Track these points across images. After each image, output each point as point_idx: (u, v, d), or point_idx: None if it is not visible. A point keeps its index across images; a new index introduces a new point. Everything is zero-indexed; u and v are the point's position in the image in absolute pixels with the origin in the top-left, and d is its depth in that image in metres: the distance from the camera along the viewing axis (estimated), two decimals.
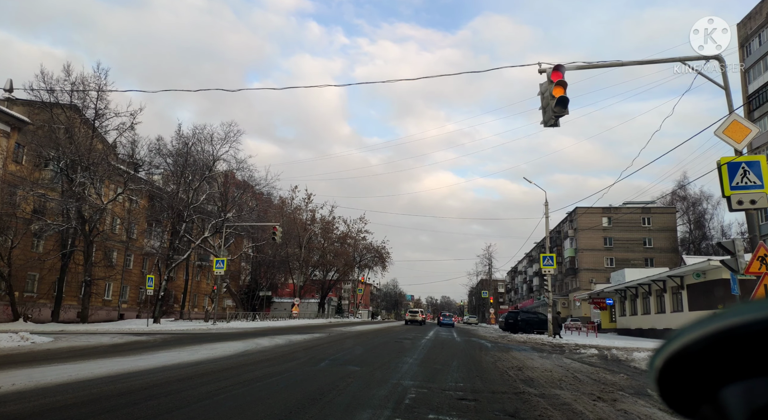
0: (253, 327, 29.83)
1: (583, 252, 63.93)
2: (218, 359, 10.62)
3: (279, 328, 29.15)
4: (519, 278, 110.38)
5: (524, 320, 34.53)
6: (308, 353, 12.57)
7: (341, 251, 57.09)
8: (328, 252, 55.44)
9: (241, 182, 39.94)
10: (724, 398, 0.61)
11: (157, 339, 16.74)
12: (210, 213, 38.40)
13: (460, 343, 20.15)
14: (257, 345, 14.56)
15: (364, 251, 64.63)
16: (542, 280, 71.20)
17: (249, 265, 62.83)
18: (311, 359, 11.01)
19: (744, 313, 0.57)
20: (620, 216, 63.70)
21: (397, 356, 12.42)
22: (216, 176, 36.71)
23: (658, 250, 61.95)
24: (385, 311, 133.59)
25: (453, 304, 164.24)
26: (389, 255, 65.41)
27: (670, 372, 0.66)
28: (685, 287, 28.81)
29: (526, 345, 20.29)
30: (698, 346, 0.61)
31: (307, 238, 53.76)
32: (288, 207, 53.94)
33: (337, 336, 20.61)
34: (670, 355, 0.65)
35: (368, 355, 12.62)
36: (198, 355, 11.18)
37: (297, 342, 16.41)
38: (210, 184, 36.23)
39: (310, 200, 53.61)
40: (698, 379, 0.65)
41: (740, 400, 0.59)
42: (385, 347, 15.77)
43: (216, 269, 31.86)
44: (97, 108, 31.58)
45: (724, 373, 0.61)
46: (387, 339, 19.84)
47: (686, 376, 0.66)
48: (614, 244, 63.57)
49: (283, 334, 20.44)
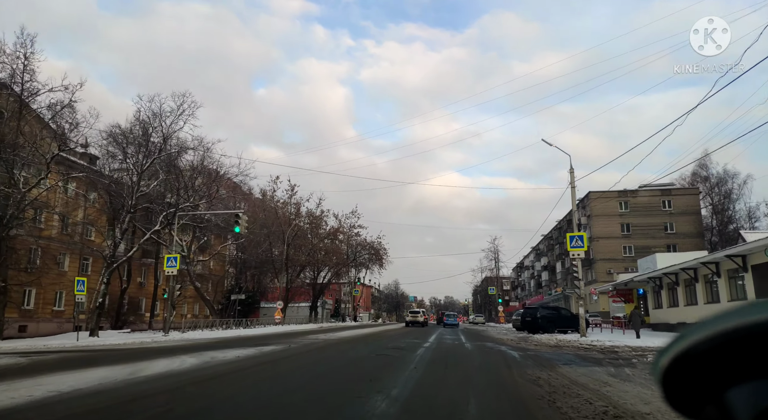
0: (211, 338, 23.97)
1: (599, 240, 58.06)
2: None
3: (240, 338, 23.29)
4: (525, 274, 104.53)
5: (546, 317, 28.66)
6: (162, 402, 6.71)
7: (332, 248, 51.20)
8: (317, 250, 49.54)
9: (207, 168, 34.09)
10: (730, 399, 0.61)
11: None
12: (170, 204, 32.60)
13: (472, 351, 14.38)
14: (117, 378, 8.72)
15: (358, 248, 58.77)
16: (567, 267, 65.04)
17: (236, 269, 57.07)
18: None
19: (751, 314, 0.56)
20: (638, 200, 57.90)
21: (357, 393, 6.58)
22: (173, 159, 30.84)
23: (681, 235, 56.07)
24: (386, 313, 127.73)
25: (457, 303, 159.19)
26: (386, 252, 59.58)
27: (675, 372, 0.65)
28: (749, 269, 22.97)
29: (565, 351, 14.46)
30: (704, 347, 0.60)
31: (293, 234, 47.94)
32: (269, 200, 48.13)
33: (298, 350, 14.76)
34: (676, 356, 0.64)
35: (296, 395, 6.75)
36: None
37: (208, 366, 10.45)
38: (166, 169, 30.37)
39: (294, 192, 47.82)
40: (703, 379, 0.64)
41: (747, 401, 0.58)
42: (353, 368, 10.03)
43: (167, 268, 26.05)
44: (23, 80, 25.91)
45: (730, 374, 0.60)
46: (368, 351, 14.09)
47: (691, 377, 0.65)
48: (632, 231, 57.72)
49: (225, 349, 14.59)
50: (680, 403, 0.69)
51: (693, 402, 0.67)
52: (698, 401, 0.66)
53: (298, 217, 47.46)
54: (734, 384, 0.60)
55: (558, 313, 29.98)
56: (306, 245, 48.86)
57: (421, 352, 13.59)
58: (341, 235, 55.61)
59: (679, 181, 61.80)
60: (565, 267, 70.13)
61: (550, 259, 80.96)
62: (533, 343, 18.93)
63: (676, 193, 57.93)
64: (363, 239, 57.92)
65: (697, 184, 59.36)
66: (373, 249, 59.21)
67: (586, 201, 60.58)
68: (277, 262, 49.22)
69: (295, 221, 47.67)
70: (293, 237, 48.27)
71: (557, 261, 74.24)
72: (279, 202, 48.07)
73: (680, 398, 0.68)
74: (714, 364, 0.61)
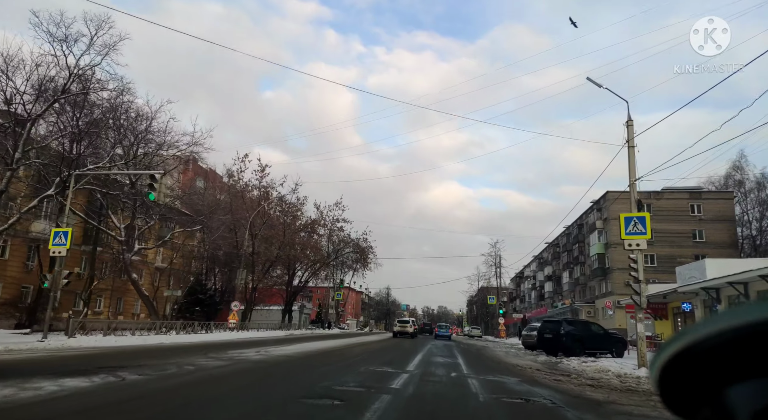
0: (98, 348, 16.46)
1: (617, 248, 50.70)
2: None
3: (135, 350, 15.79)
4: (526, 284, 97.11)
5: (572, 335, 21.29)
6: None
7: (309, 243, 43.66)
8: (291, 244, 42.03)
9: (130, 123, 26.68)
10: (729, 398, 0.61)
11: None
12: (69, 160, 25.04)
13: (488, 405, 7.00)
14: None
15: (341, 245, 51.29)
16: (577, 278, 57.03)
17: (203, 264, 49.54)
18: None
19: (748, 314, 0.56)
20: (662, 203, 50.75)
21: None
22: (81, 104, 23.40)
23: (712, 244, 48.85)
24: (374, 321, 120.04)
25: (450, 314, 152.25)
26: (372, 250, 52.10)
27: (672, 373, 0.66)
28: None
29: None
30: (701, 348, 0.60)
31: (261, 223, 40.52)
32: (236, 181, 40.73)
33: (134, 389, 7.20)
34: (672, 356, 0.64)
35: None
36: None
37: None
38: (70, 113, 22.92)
39: (265, 173, 40.39)
40: (700, 380, 0.64)
41: (746, 400, 0.59)
42: None
43: (52, 247, 18.62)
44: None
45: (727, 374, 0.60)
46: (287, 395, 6.80)
47: (687, 378, 0.66)
48: (655, 238, 50.28)
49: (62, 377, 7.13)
50: (676, 404, 0.68)
51: (689, 403, 0.67)
52: (694, 402, 0.66)
53: (266, 201, 39.97)
54: (731, 384, 0.59)
55: (587, 329, 22.58)
56: (277, 238, 41.37)
57: (385, 402, 6.28)
58: (321, 228, 48.20)
59: (707, 185, 54.84)
60: (573, 277, 62.74)
61: (555, 268, 73.62)
62: (582, 378, 11.53)
63: (707, 196, 50.85)
64: (347, 235, 50.51)
65: (730, 189, 52.35)
66: (357, 247, 51.77)
67: (602, 202, 53.41)
68: (244, 256, 41.83)
69: (264, 206, 40.22)
70: (261, 226, 40.85)
71: (564, 270, 66.90)
72: (246, 184, 40.67)
73: (677, 399, 0.68)
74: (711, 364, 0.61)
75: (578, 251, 60.44)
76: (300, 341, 26.26)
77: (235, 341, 23.89)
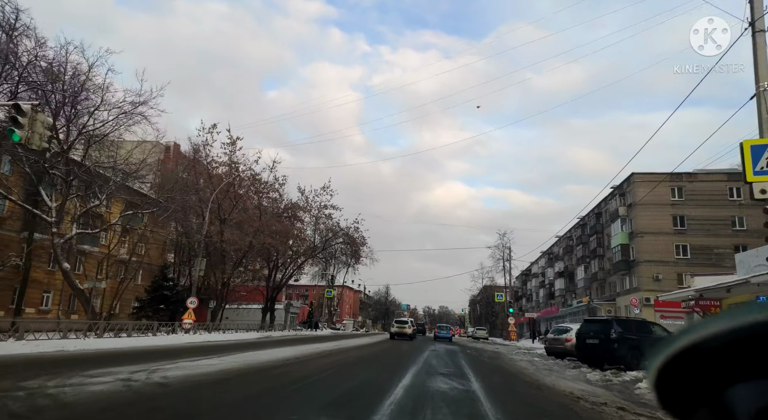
0: None
1: (643, 237, 44.54)
2: None
3: None
4: (533, 282, 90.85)
5: (627, 340, 15.06)
6: None
7: (290, 231, 37.40)
8: (268, 230, 35.84)
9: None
10: (728, 400, 0.61)
11: None
12: None
13: None
14: None
15: (329, 235, 45.07)
16: (595, 273, 51.26)
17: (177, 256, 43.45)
18: None
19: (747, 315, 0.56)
20: (696, 186, 44.54)
21: None
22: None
23: (755, 233, 42.47)
24: (370, 321, 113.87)
25: (452, 314, 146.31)
26: (365, 241, 45.86)
27: (669, 375, 0.66)
28: None
29: None
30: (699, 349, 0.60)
31: (231, 206, 34.42)
32: (204, 157, 34.59)
33: None
34: (670, 358, 0.64)
35: None
36: None
37: None
38: None
39: (236, 146, 34.15)
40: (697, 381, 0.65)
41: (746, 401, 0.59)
42: None
43: None
44: None
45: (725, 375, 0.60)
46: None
47: (685, 379, 0.65)
48: (688, 225, 44.25)
49: None
50: (673, 406, 0.68)
51: (686, 405, 0.67)
52: (691, 403, 0.66)
53: (234, 178, 33.70)
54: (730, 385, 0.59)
55: (646, 331, 16.29)
56: (250, 223, 35.20)
57: None
58: (305, 214, 41.99)
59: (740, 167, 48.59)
60: (590, 272, 56.44)
61: (567, 263, 67.34)
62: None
63: None
64: (335, 223, 44.27)
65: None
66: (348, 237, 45.53)
67: (626, 186, 47.16)
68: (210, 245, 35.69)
69: (234, 184, 34.01)
70: (232, 210, 34.70)
71: (578, 265, 60.63)
72: (212, 160, 34.49)
73: (674, 401, 0.68)
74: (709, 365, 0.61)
75: (596, 243, 54.16)
76: (261, 347, 20.13)
77: (168, 348, 17.80)
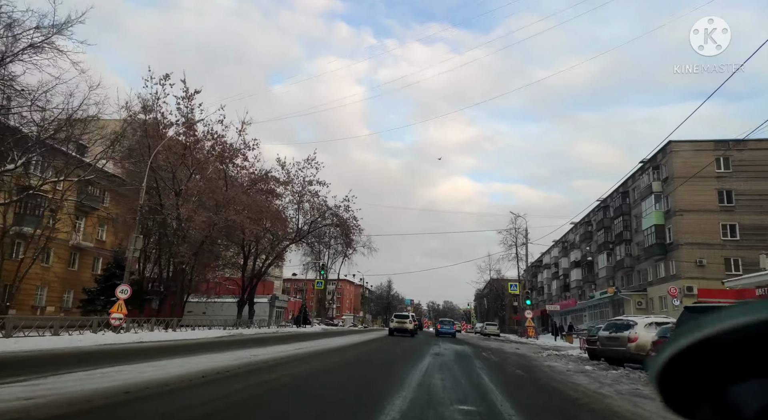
0: None
1: (683, 216, 37.99)
2: None
3: None
4: (545, 274, 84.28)
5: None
6: None
7: (255, 206, 30.91)
8: (234, 205, 29.46)
9: None
10: (731, 397, 0.61)
11: None
12: None
13: None
14: None
15: (316, 216, 38.66)
16: (621, 259, 44.44)
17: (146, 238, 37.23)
18: None
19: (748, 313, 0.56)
20: (746, 155, 38.03)
21: None
22: None
23: None
24: (370, 317, 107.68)
25: (456, 309, 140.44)
26: (357, 223, 39.43)
27: (671, 372, 0.66)
28: None
29: None
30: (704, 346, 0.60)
31: (186, 175, 28.15)
32: (150, 112, 28.21)
33: None
34: (672, 356, 0.64)
35: None
36: None
37: None
38: None
39: (192, 101, 27.73)
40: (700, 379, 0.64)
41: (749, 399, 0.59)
42: None
43: None
44: None
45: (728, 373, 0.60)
46: None
47: (688, 377, 0.65)
48: (737, 202, 37.71)
49: None
50: (676, 402, 0.68)
51: (689, 402, 0.66)
52: (694, 401, 0.66)
53: (185, 136, 27.26)
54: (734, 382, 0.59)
55: None
56: (213, 196, 28.84)
57: None
58: (285, 189, 35.60)
59: None
60: (614, 260, 49.90)
61: (585, 251, 60.80)
62: None
63: None
64: (322, 201, 37.85)
65: None
66: (337, 218, 39.13)
67: (661, 157, 40.57)
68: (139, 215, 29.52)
69: (189, 146, 27.61)
70: (189, 180, 28.39)
71: (600, 253, 54.05)
72: (163, 116, 28.10)
73: (676, 398, 0.68)
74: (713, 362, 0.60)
75: (622, 226, 47.60)
76: (191, 353, 13.80)
77: (79, 352, 11.53)
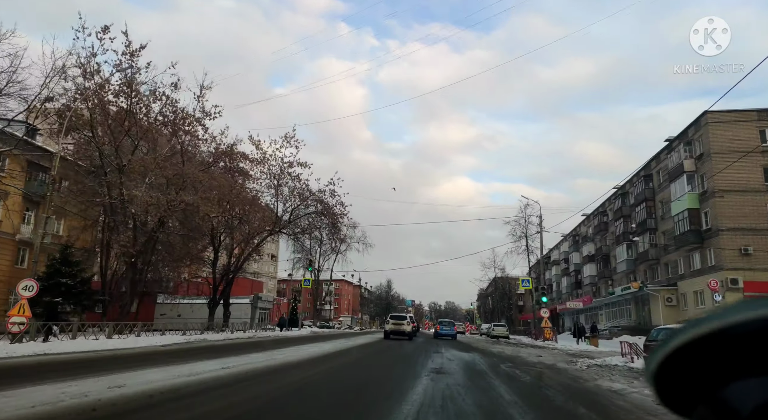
0: None
1: (723, 197, 32.74)
2: None
3: None
4: (554, 270, 78.88)
5: None
6: None
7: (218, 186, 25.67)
8: (189, 184, 24.28)
9: None
10: (728, 395, 0.60)
11: None
12: None
13: None
14: None
15: (294, 200, 33.43)
16: (644, 251, 38.88)
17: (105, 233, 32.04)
18: None
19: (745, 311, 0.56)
20: None
21: None
22: None
23: None
24: (368, 318, 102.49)
25: (458, 310, 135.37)
26: (345, 209, 34.21)
27: (668, 371, 0.66)
28: None
29: None
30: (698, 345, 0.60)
31: (131, 145, 23.06)
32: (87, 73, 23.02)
33: None
34: (669, 354, 0.64)
35: None
36: None
37: None
38: None
39: (137, 58, 22.59)
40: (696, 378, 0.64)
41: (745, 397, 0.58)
42: None
43: None
44: None
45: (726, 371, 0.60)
46: None
47: (684, 376, 0.65)
48: None
49: None
50: (673, 402, 0.68)
51: (685, 401, 0.66)
52: (691, 400, 0.66)
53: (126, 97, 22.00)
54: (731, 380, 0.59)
55: None
56: (162, 172, 23.64)
57: None
58: (259, 169, 30.42)
59: None
60: (635, 252, 44.67)
61: (601, 244, 55.62)
62: None
63: None
64: (304, 185, 32.64)
65: None
66: (322, 204, 33.92)
67: (694, 131, 35.33)
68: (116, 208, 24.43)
69: (132, 110, 22.38)
70: (133, 151, 23.23)
71: (618, 245, 48.75)
72: (101, 77, 22.93)
73: (673, 397, 0.68)
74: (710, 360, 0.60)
75: (645, 214, 42.36)
76: (139, 366, 8.62)
77: None
